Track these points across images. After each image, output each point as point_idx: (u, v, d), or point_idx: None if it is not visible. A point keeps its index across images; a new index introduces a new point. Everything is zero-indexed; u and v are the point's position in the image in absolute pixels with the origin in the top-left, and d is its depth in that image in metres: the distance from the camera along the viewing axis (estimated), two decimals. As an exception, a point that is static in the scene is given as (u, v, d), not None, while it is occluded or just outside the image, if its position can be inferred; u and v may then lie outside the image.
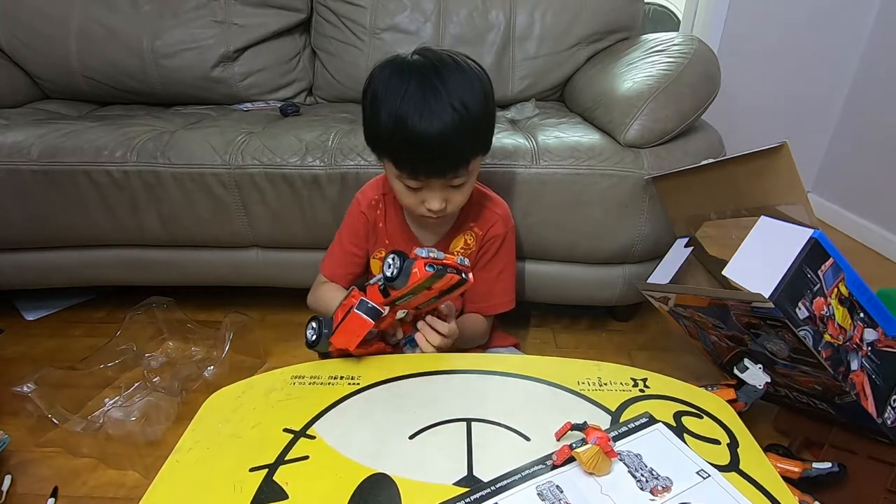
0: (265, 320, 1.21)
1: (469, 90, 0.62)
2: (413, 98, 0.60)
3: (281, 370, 0.62)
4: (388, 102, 0.62)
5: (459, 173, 0.65)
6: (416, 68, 0.62)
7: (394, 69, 0.63)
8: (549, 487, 0.45)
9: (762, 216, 0.70)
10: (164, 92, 1.34)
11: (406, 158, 0.64)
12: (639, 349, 1.14)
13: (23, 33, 1.30)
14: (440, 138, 0.60)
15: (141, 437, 0.83)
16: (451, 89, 0.60)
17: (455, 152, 0.63)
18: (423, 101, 0.60)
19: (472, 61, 0.65)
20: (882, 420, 0.69)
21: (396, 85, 0.62)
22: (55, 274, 1.12)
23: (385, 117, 0.62)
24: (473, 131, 0.64)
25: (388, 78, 0.63)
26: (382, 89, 0.63)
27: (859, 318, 0.68)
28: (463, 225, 0.79)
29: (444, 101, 0.60)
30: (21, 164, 0.97)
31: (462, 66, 0.63)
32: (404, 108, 0.60)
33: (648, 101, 0.93)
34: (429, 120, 0.60)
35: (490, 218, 0.79)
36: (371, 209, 0.80)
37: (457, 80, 0.61)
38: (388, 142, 0.65)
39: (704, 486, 0.46)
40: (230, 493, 0.45)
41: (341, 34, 1.36)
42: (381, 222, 0.80)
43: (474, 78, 0.63)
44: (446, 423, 0.53)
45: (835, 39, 1.66)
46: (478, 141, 0.66)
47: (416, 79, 0.61)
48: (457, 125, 0.60)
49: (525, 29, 1.33)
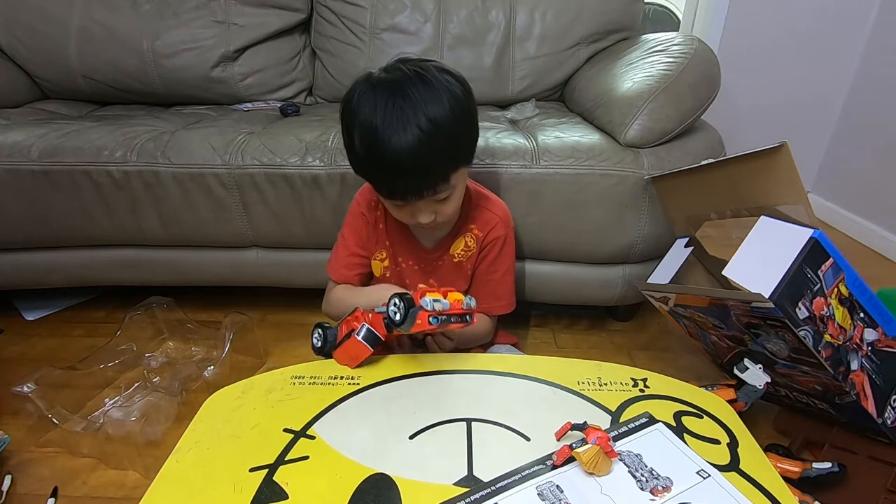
0: (265, 320, 1.21)
1: (436, 104, 0.60)
2: (380, 120, 0.59)
3: (281, 370, 0.62)
4: (359, 128, 0.61)
5: (439, 189, 0.64)
6: (381, 88, 0.61)
7: (362, 91, 0.62)
8: (549, 487, 0.45)
9: (762, 216, 0.70)
10: (164, 92, 1.34)
11: (381, 182, 0.64)
12: (639, 349, 1.14)
13: (23, 33, 1.30)
14: (410, 158, 0.59)
15: (141, 437, 0.83)
16: (417, 107, 0.59)
17: (428, 171, 0.62)
18: (389, 124, 0.59)
19: (445, 72, 0.63)
20: (882, 420, 0.69)
21: (364, 108, 0.61)
22: (55, 274, 1.12)
23: (357, 143, 0.62)
24: (447, 146, 0.62)
25: (357, 101, 0.62)
26: (352, 115, 0.62)
27: (859, 318, 0.68)
28: (463, 227, 0.79)
29: (409, 120, 0.58)
30: (21, 164, 0.97)
31: (428, 80, 0.61)
32: (372, 132, 0.60)
33: (648, 101, 0.93)
34: (396, 142, 0.58)
35: (490, 220, 0.79)
36: (371, 210, 0.80)
37: (422, 96, 0.59)
38: (363, 167, 0.65)
39: (704, 486, 0.46)
40: (230, 493, 0.45)
41: (341, 34, 1.36)
42: (381, 223, 0.80)
43: (443, 90, 0.61)
44: (446, 423, 0.53)
45: (835, 39, 1.66)
46: (453, 155, 0.64)
47: (381, 100, 0.60)
48: (425, 144, 0.59)
49: (525, 29, 1.33)
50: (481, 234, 0.79)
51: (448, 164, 0.64)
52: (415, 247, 0.80)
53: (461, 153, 0.66)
